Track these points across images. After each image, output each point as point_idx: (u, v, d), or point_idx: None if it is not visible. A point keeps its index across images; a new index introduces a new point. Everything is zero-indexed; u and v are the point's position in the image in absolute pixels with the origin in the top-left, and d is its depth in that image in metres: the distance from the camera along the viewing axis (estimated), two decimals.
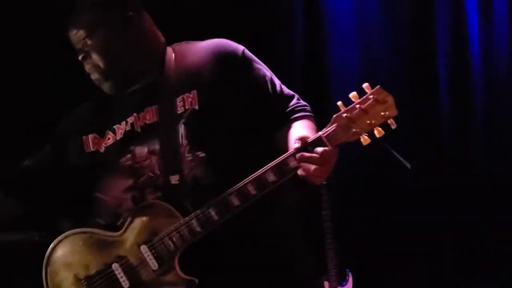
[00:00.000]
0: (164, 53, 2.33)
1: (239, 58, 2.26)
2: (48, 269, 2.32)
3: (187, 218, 2.12)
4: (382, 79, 3.74)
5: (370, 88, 1.97)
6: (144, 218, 2.18)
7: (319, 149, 1.97)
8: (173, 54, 2.32)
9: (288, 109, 2.25)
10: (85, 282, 2.24)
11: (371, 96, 1.96)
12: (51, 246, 2.32)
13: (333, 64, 3.87)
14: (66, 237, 2.31)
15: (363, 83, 3.83)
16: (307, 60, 3.91)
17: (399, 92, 3.67)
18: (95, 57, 2.26)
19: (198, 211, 2.11)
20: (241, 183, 2.07)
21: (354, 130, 1.97)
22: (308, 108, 2.29)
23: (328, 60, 3.89)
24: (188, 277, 2.14)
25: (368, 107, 1.96)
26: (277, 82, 2.30)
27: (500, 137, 3.77)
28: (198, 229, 2.11)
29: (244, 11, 3.80)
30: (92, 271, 2.24)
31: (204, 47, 2.29)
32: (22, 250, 3.36)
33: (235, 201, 2.07)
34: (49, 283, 2.31)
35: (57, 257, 2.31)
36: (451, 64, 3.81)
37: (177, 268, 2.15)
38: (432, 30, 3.83)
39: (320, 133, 2.00)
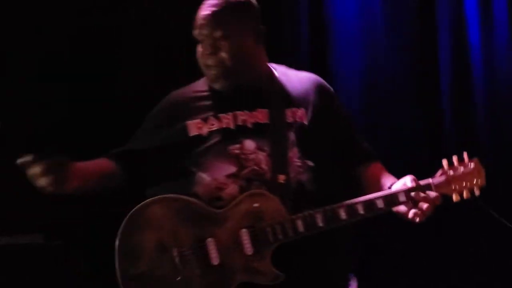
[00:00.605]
0: (268, 66, 2.59)
1: (333, 96, 2.62)
2: (130, 226, 2.31)
3: (293, 216, 2.32)
4: (385, 82, 3.90)
5: (468, 157, 2.41)
6: (251, 204, 2.33)
7: (432, 193, 2.34)
8: (276, 71, 2.59)
9: (368, 151, 2.60)
10: (170, 249, 2.28)
11: (472, 165, 2.40)
12: (143, 203, 2.33)
13: (338, 65, 3.93)
14: (162, 199, 2.34)
15: (367, 84, 3.82)
16: (311, 62, 3.92)
17: (401, 94, 3.88)
18: (224, 55, 2.43)
19: (306, 213, 2.32)
20: (351, 201, 2.35)
21: (453, 186, 2.39)
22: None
23: (332, 62, 3.95)
24: (276, 271, 2.30)
25: (468, 173, 2.40)
26: None
27: (502, 140, 3.84)
28: (301, 229, 2.31)
29: None
30: (182, 240, 2.30)
31: (305, 76, 2.61)
32: (27, 253, 3.19)
33: (343, 215, 2.33)
34: (125, 241, 2.30)
35: (146, 216, 2.34)
36: (453, 66, 3.93)
37: (269, 259, 2.31)
38: (434, 34, 3.93)
39: (431, 180, 2.38)
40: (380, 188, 2.42)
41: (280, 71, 2.60)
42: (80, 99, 3.50)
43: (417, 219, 2.34)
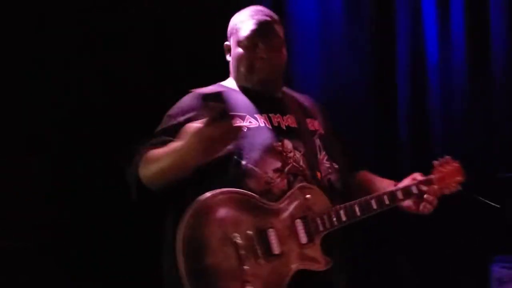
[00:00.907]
0: None
1: (328, 112, 2.91)
2: (192, 219, 2.31)
3: (337, 207, 2.52)
4: (343, 91, 3.97)
5: (452, 160, 2.81)
6: (303, 197, 2.49)
7: (435, 186, 2.69)
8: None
9: (358, 159, 2.90)
10: (234, 240, 2.32)
11: (455, 164, 2.81)
12: (204, 196, 2.33)
13: (296, 76, 3.93)
14: (222, 192, 2.37)
15: (325, 95, 3.86)
16: None
17: (360, 104, 3.94)
18: (274, 62, 2.64)
19: (346, 204, 2.54)
20: (378, 193, 2.62)
21: (445, 181, 2.78)
22: None
23: (291, 72, 3.82)
24: (327, 257, 2.46)
25: (453, 170, 2.80)
26: None
27: (457, 146, 4.00)
28: (344, 218, 2.52)
29: (209, 23, 3.63)
30: (245, 231, 2.36)
31: (305, 95, 2.89)
32: None
33: (374, 205, 2.59)
34: (189, 235, 2.30)
35: (209, 209, 2.35)
36: (410, 76, 4.10)
37: (319, 247, 2.46)
38: (393, 45, 4.10)
39: (432, 176, 2.73)
40: (380, 189, 2.70)
41: (286, 88, 2.83)
42: (79, 99, 3.32)
43: (426, 210, 2.67)
